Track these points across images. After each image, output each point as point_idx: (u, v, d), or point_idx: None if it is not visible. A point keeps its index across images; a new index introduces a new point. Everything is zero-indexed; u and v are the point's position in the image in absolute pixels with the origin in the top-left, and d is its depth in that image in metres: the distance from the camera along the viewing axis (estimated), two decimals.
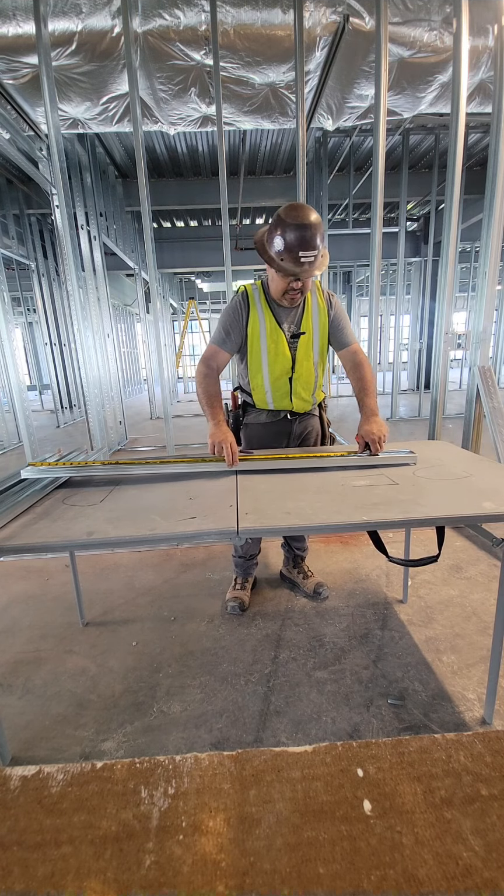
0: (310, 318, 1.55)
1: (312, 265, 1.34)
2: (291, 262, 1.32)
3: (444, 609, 1.75)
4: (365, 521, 0.98)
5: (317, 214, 1.31)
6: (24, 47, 2.40)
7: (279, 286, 1.42)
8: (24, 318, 8.55)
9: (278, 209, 1.34)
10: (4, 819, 0.98)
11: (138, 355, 12.27)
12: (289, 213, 1.30)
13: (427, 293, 7.12)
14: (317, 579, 1.91)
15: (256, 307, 1.51)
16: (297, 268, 1.33)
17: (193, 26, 2.41)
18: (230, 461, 1.35)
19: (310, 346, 1.56)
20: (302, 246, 1.29)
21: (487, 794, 0.98)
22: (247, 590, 1.88)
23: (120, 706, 1.35)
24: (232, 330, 1.54)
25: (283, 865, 0.86)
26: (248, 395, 1.68)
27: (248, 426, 1.71)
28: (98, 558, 2.31)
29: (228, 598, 1.84)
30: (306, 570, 1.95)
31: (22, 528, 1.02)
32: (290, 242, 1.29)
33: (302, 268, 1.33)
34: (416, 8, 2.40)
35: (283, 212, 1.31)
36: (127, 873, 0.86)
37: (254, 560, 1.91)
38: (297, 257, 1.30)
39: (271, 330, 1.51)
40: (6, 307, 2.96)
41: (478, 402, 2.42)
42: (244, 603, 1.82)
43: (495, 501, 1.03)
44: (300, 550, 1.96)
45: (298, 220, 1.28)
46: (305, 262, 1.31)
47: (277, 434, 1.68)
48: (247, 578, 1.92)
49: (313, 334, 1.56)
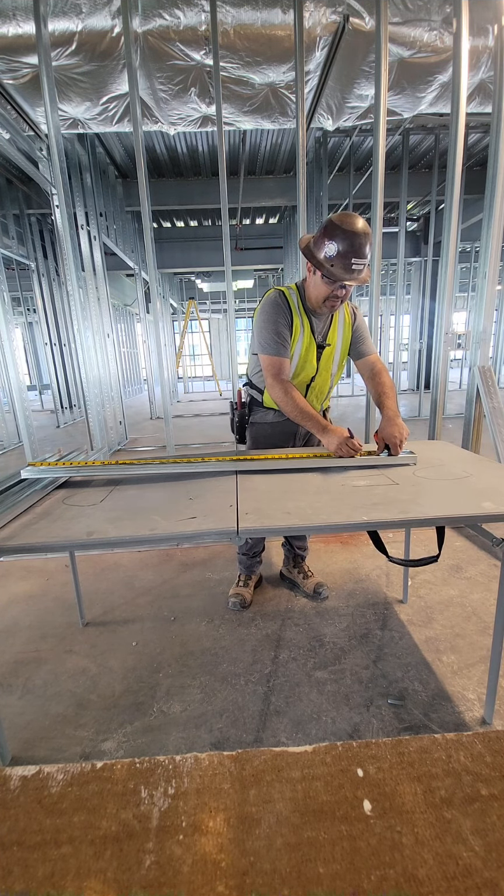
0: (336, 331, 1.57)
1: (361, 273, 1.35)
2: (342, 269, 1.33)
3: (444, 609, 1.75)
4: (365, 521, 0.98)
5: (364, 222, 1.32)
6: (24, 47, 2.40)
7: (321, 292, 1.42)
8: (24, 318, 8.55)
9: (329, 216, 1.35)
10: (4, 819, 0.98)
11: (138, 355, 12.27)
12: (343, 220, 1.31)
13: (427, 293, 7.13)
14: (317, 579, 1.91)
15: (297, 312, 1.50)
16: (347, 274, 1.34)
17: (193, 26, 2.41)
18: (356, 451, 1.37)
19: (331, 358, 1.58)
20: (355, 253, 1.30)
21: (487, 794, 0.98)
22: (249, 587, 1.90)
23: (120, 706, 1.35)
24: (286, 334, 1.49)
25: (283, 865, 0.86)
26: (258, 392, 1.68)
27: (255, 425, 1.71)
28: (98, 558, 2.31)
29: (231, 594, 1.85)
30: (306, 570, 1.95)
31: (22, 528, 1.02)
32: (343, 249, 1.30)
33: (352, 275, 1.34)
34: (416, 8, 2.40)
35: (336, 218, 1.32)
36: (127, 873, 0.86)
37: (258, 558, 1.93)
38: (349, 264, 1.32)
39: (307, 338, 1.51)
40: (6, 307, 2.96)
41: (478, 402, 2.42)
42: (245, 600, 1.83)
43: (495, 501, 1.03)
44: (301, 550, 1.96)
45: (353, 227, 1.29)
46: (356, 269, 1.33)
47: (283, 434, 1.69)
48: (250, 576, 1.93)
49: (337, 347, 1.58)
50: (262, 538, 1.93)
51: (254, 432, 1.72)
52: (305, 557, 1.99)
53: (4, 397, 5.81)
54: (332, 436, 1.40)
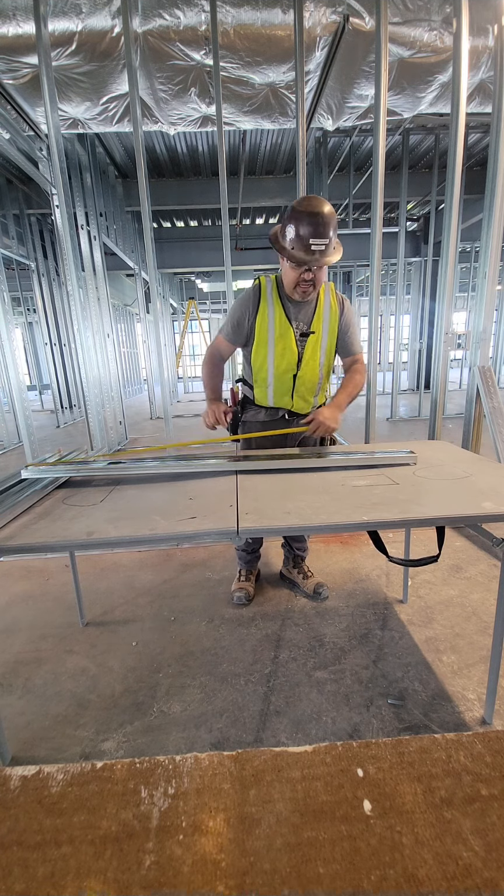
0: (321, 318, 1.55)
1: (323, 254, 1.34)
2: (302, 251, 1.33)
3: (444, 609, 1.75)
4: (365, 521, 0.98)
5: (330, 206, 1.33)
6: (24, 47, 2.40)
7: (291, 277, 1.43)
8: (24, 318, 8.55)
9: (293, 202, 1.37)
10: (4, 819, 0.97)
11: (138, 355, 12.27)
12: (301, 202, 1.33)
13: (427, 293, 7.13)
14: (316, 579, 1.91)
15: (268, 299, 1.52)
16: (307, 256, 1.34)
17: (193, 26, 2.41)
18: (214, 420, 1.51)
19: (318, 346, 1.56)
20: (313, 234, 1.30)
21: (487, 794, 0.98)
22: (251, 581, 1.93)
23: (120, 706, 1.35)
24: (242, 322, 1.55)
25: (283, 865, 0.86)
26: (249, 389, 1.68)
27: (247, 424, 1.71)
28: (98, 558, 2.31)
29: (234, 590, 1.87)
30: (306, 570, 1.95)
31: (22, 528, 1.02)
32: (301, 230, 1.31)
33: (313, 256, 1.34)
34: (416, 8, 2.40)
35: (296, 203, 1.34)
36: (127, 873, 0.86)
37: (257, 553, 1.95)
38: (307, 245, 1.32)
39: (280, 323, 1.52)
40: (6, 307, 2.96)
41: (478, 402, 2.42)
42: (250, 594, 1.86)
43: (495, 501, 1.03)
44: (300, 550, 1.96)
45: (310, 208, 1.31)
46: (316, 250, 1.32)
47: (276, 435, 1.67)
48: (251, 570, 1.97)
49: (322, 335, 1.56)
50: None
51: (245, 430, 1.72)
52: (305, 558, 1.99)
53: (4, 397, 5.81)
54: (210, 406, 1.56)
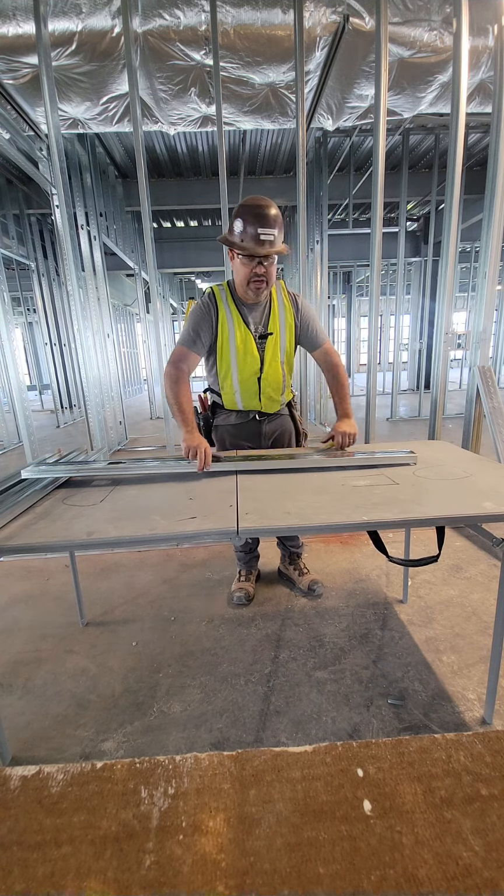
0: (276, 318, 1.56)
1: (273, 245, 1.38)
2: (252, 241, 1.37)
3: (444, 609, 1.75)
4: (365, 521, 0.98)
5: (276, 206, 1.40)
6: (24, 47, 2.40)
7: (243, 274, 1.44)
8: (24, 318, 8.54)
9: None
10: (4, 819, 0.98)
11: (138, 355, 12.26)
12: (248, 200, 1.40)
13: (427, 293, 7.12)
14: (312, 576, 1.93)
15: (224, 306, 1.52)
16: (258, 246, 1.37)
17: (193, 26, 2.41)
18: (201, 465, 1.36)
19: (277, 346, 1.57)
20: (261, 223, 1.35)
21: (487, 794, 0.98)
22: (251, 581, 1.93)
23: (120, 706, 1.35)
24: (202, 330, 1.53)
25: (283, 865, 0.86)
26: (217, 396, 1.68)
27: (219, 428, 1.71)
28: (98, 558, 2.31)
29: (234, 590, 1.87)
30: (302, 567, 1.97)
31: (22, 528, 1.02)
32: (250, 222, 1.36)
33: (263, 246, 1.37)
34: (416, 8, 2.40)
35: (243, 201, 1.41)
36: (127, 873, 0.86)
37: (255, 553, 1.96)
38: (256, 235, 1.36)
39: (238, 327, 1.52)
40: (6, 307, 2.96)
41: (478, 402, 2.42)
42: (249, 594, 1.86)
43: (495, 501, 1.03)
44: (294, 548, 1.98)
45: (255, 202, 1.38)
46: (265, 240, 1.37)
47: (248, 435, 1.68)
48: (250, 571, 1.97)
49: (280, 335, 1.57)
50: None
51: (219, 434, 1.71)
52: (301, 555, 2.00)
53: (4, 397, 5.81)
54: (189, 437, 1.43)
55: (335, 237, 7.07)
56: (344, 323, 13.17)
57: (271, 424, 1.70)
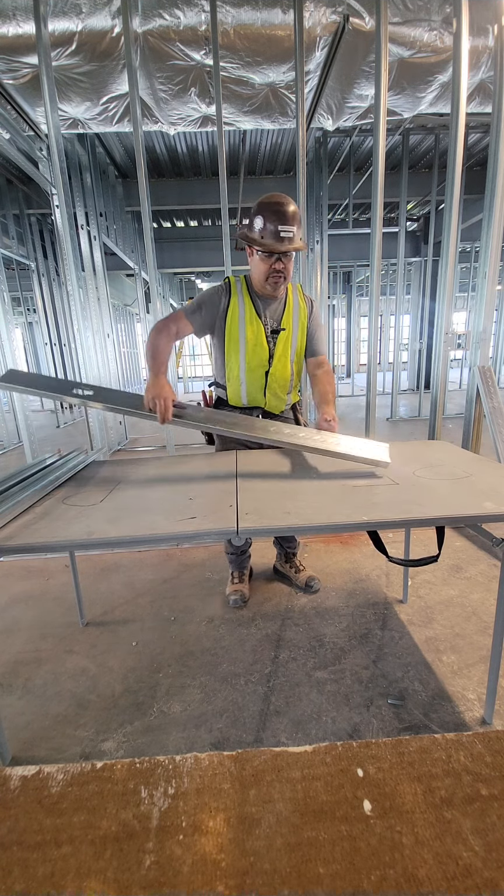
0: (290, 315, 1.58)
1: (292, 242, 1.40)
2: (273, 238, 1.39)
3: (444, 609, 1.75)
4: (365, 521, 0.97)
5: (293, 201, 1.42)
6: (24, 47, 2.40)
7: (262, 270, 1.46)
8: (24, 318, 8.54)
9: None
10: (4, 819, 0.98)
11: (138, 355, 12.25)
12: (268, 197, 1.43)
13: (427, 293, 7.13)
14: (308, 573, 1.93)
15: (238, 296, 1.53)
16: (278, 243, 1.39)
17: (193, 26, 2.41)
18: (162, 417, 1.34)
19: (288, 343, 1.58)
20: (282, 221, 1.37)
21: (487, 794, 0.98)
22: (245, 582, 1.92)
23: (120, 706, 1.35)
24: (205, 306, 1.54)
25: (283, 865, 0.86)
26: (223, 391, 1.68)
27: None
28: (98, 558, 2.31)
29: (229, 593, 1.86)
30: (298, 564, 1.97)
31: (22, 528, 1.02)
32: (270, 219, 1.38)
33: (283, 243, 1.39)
34: (416, 8, 2.40)
35: (262, 198, 1.43)
36: (127, 873, 0.86)
37: (247, 553, 1.95)
38: (277, 232, 1.38)
39: (251, 318, 1.53)
40: (6, 307, 2.96)
41: (478, 402, 2.42)
42: (245, 595, 1.85)
43: (495, 501, 1.03)
44: (291, 548, 1.98)
45: (275, 199, 1.41)
46: (286, 237, 1.39)
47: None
48: (243, 572, 1.95)
49: (293, 332, 1.59)
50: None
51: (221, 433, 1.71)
52: (297, 553, 2.01)
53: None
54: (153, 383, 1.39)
55: (335, 237, 7.08)
56: (344, 323, 13.17)
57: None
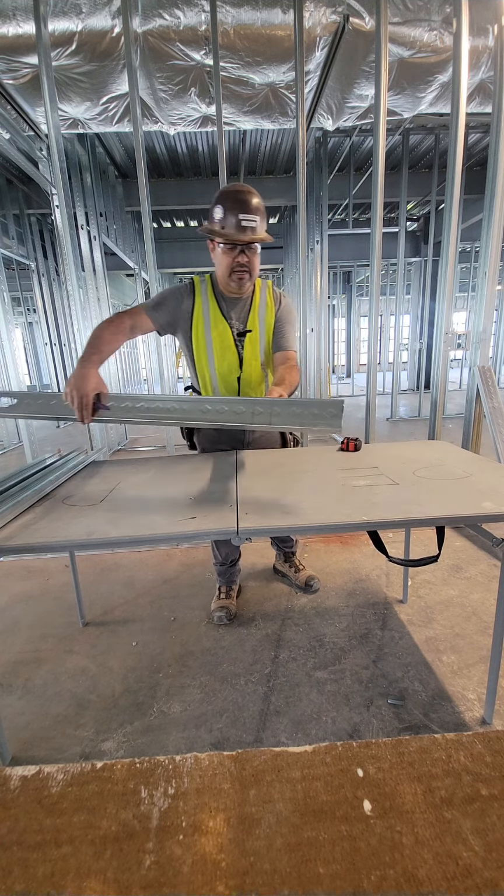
0: (256, 316, 1.50)
1: (255, 232, 1.33)
2: (234, 228, 1.31)
3: (444, 609, 1.75)
4: (365, 521, 0.97)
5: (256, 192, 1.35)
6: (24, 47, 2.40)
7: (225, 264, 1.38)
8: (24, 318, 8.54)
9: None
10: (4, 819, 0.98)
11: (138, 355, 12.26)
12: (229, 187, 1.36)
13: (427, 293, 7.12)
14: (308, 572, 1.92)
15: (202, 296, 1.47)
16: (240, 233, 1.32)
17: (193, 26, 2.41)
18: (80, 416, 1.19)
19: (256, 344, 1.50)
20: (242, 209, 1.30)
21: (487, 794, 0.98)
22: (232, 598, 1.81)
23: (120, 706, 1.35)
24: (167, 303, 1.46)
25: (283, 865, 0.86)
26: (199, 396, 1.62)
27: (201, 432, 1.65)
28: (98, 558, 2.31)
29: (214, 609, 1.74)
30: (297, 563, 1.96)
31: (22, 528, 1.02)
32: (231, 208, 1.30)
33: (244, 233, 1.32)
34: (416, 8, 2.40)
35: (223, 188, 1.37)
36: (127, 873, 0.86)
37: (236, 566, 1.86)
38: (238, 221, 1.30)
39: (216, 321, 1.46)
40: (6, 307, 2.96)
41: (478, 402, 2.42)
42: (231, 611, 1.74)
43: (495, 501, 1.02)
44: (288, 548, 1.97)
45: (235, 188, 1.34)
46: (248, 226, 1.31)
47: (229, 440, 1.63)
48: (231, 586, 1.84)
49: (260, 333, 1.51)
50: (237, 546, 1.76)
51: (200, 438, 1.66)
52: (295, 552, 2.00)
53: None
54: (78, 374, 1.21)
55: (335, 237, 7.08)
56: (344, 323, 13.18)
57: (255, 433, 1.63)
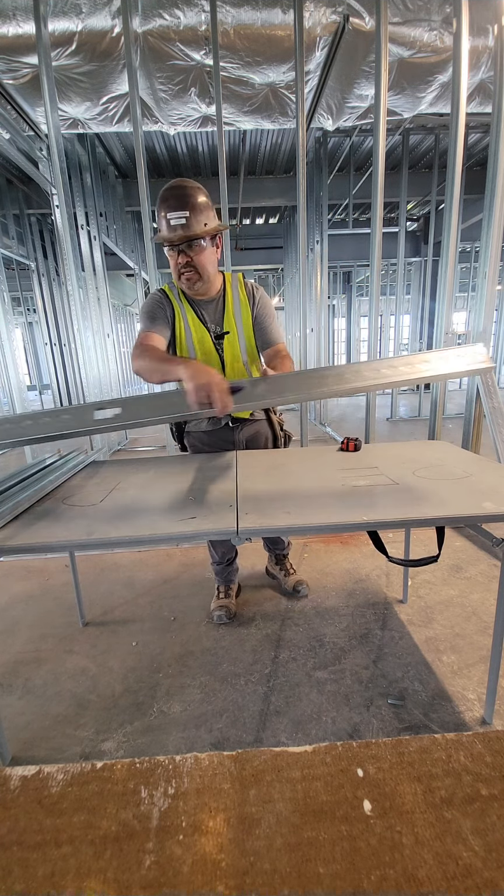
0: (231, 315, 1.46)
1: (187, 228, 1.26)
2: (165, 228, 1.28)
3: (444, 609, 1.75)
4: (365, 521, 0.97)
5: (196, 185, 1.29)
6: (24, 47, 2.40)
7: (172, 266, 1.35)
8: (24, 318, 8.55)
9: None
10: (4, 819, 0.97)
11: None
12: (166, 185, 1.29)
13: (427, 293, 7.13)
14: (297, 577, 1.91)
15: (177, 302, 1.44)
16: (169, 232, 1.27)
17: (193, 26, 2.41)
18: (222, 407, 1.06)
19: (236, 345, 1.47)
20: (170, 207, 1.25)
21: (487, 794, 0.98)
22: (231, 597, 1.82)
23: (120, 706, 1.35)
24: (157, 314, 1.42)
25: (283, 865, 0.86)
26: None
27: (191, 434, 1.63)
28: (98, 558, 2.31)
29: (213, 608, 1.76)
30: (288, 567, 1.95)
31: (22, 528, 1.02)
32: (160, 208, 1.27)
33: (175, 232, 1.27)
34: (416, 8, 2.40)
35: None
36: (127, 873, 0.86)
37: (234, 565, 1.86)
38: (167, 221, 1.27)
39: (195, 326, 1.44)
40: (6, 307, 2.96)
41: (478, 402, 2.42)
42: (230, 610, 1.75)
43: (495, 501, 1.02)
44: (279, 549, 1.94)
45: (171, 184, 1.27)
46: (176, 224, 1.25)
47: (221, 442, 1.61)
48: (229, 586, 1.85)
49: (238, 333, 1.47)
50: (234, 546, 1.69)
51: (191, 441, 1.65)
52: (287, 555, 1.97)
53: (4, 397, 5.81)
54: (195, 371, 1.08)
55: (335, 237, 7.08)
56: (344, 323, 13.17)
57: (245, 431, 1.62)
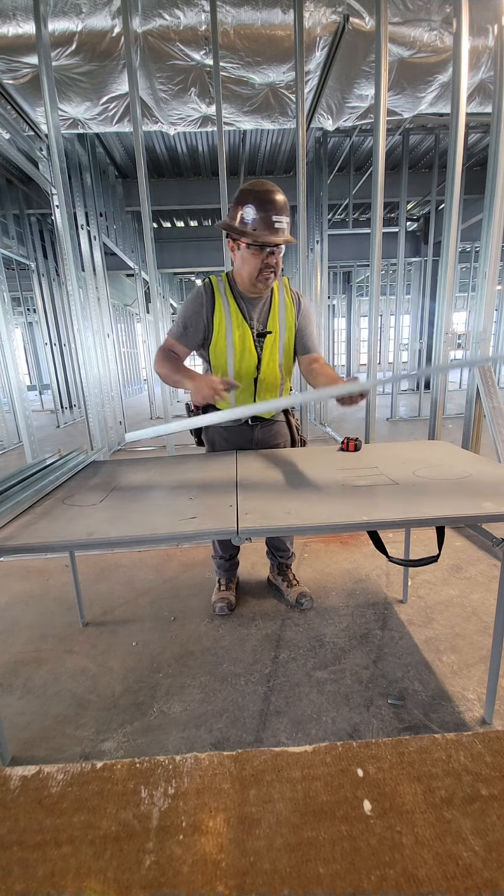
0: (276, 316, 1.48)
1: (286, 232, 1.31)
2: (265, 229, 1.28)
3: (444, 609, 1.75)
4: (365, 521, 0.97)
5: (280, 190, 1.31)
6: (24, 47, 2.40)
7: (252, 266, 1.35)
8: (24, 318, 8.55)
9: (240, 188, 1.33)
10: (4, 819, 0.98)
11: (138, 355, 12.26)
12: (255, 185, 1.30)
13: (427, 293, 7.12)
14: (300, 588, 1.83)
15: (222, 298, 1.44)
16: (271, 234, 1.28)
17: (193, 26, 2.41)
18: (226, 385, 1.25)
19: (276, 346, 1.49)
20: (275, 210, 1.27)
21: (487, 794, 0.98)
22: (231, 590, 1.86)
23: (120, 706, 1.35)
24: (190, 324, 1.46)
25: (283, 865, 0.86)
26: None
27: (209, 430, 1.65)
28: (98, 558, 2.31)
29: (215, 600, 1.80)
30: (291, 578, 1.88)
31: (22, 528, 1.02)
32: (262, 208, 1.26)
33: (277, 234, 1.29)
34: (416, 8, 2.40)
35: (248, 186, 1.30)
36: (127, 873, 0.86)
37: (235, 560, 1.89)
38: (271, 223, 1.27)
39: (238, 323, 1.44)
40: (6, 307, 2.96)
41: (478, 402, 2.42)
42: (231, 603, 1.79)
43: (495, 501, 1.02)
44: (283, 558, 1.89)
45: (264, 187, 1.28)
46: (279, 227, 1.28)
47: (240, 440, 1.62)
48: (230, 579, 1.89)
49: (280, 334, 1.49)
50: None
51: (209, 436, 1.66)
52: (290, 565, 1.92)
53: (4, 397, 5.82)
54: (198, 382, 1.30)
55: (335, 237, 7.08)
56: (344, 323, 13.17)
57: (264, 430, 1.63)
